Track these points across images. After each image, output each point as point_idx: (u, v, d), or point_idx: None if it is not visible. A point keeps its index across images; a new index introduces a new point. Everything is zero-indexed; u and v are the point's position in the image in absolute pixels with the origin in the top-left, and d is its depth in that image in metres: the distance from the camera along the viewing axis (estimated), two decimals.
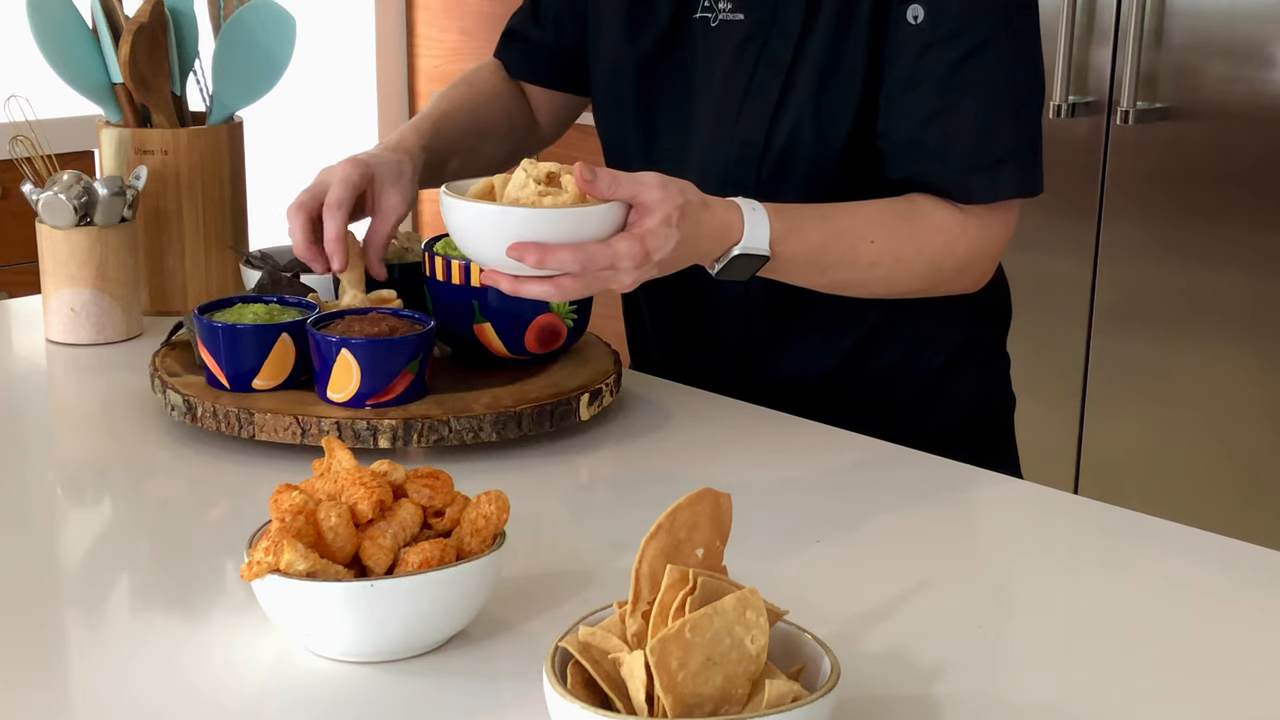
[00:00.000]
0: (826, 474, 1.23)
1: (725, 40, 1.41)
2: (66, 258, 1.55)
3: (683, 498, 0.82)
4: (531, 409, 1.28)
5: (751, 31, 1.39)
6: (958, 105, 1.32)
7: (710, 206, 1.22)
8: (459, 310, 1.35)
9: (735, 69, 1.40)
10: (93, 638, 1.01)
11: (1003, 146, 1.33)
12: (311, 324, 1.28)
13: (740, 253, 1.23)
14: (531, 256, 1.14)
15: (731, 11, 1.41)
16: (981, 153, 1.32)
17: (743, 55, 1.40)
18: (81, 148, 2.55)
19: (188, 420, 1.29)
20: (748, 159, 1.39)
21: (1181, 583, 1.08)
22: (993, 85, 1.32)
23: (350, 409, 1.26)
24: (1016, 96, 1.33)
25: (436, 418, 1.25)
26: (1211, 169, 2.39)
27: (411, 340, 1.26)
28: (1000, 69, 1.32)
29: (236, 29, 1.68)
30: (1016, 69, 1.33)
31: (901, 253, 1.32)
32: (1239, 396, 2.42)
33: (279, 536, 0.90)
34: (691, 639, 0.76)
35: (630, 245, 1.17)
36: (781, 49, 1.37)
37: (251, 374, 1.30)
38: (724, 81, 1.41)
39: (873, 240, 1.30)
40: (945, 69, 1.31)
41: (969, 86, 1.32)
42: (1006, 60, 1.32)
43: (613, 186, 1.18)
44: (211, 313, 1.33)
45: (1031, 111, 1.35)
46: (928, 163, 1.34)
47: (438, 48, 3.59)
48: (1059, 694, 0.92)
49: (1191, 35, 2.38)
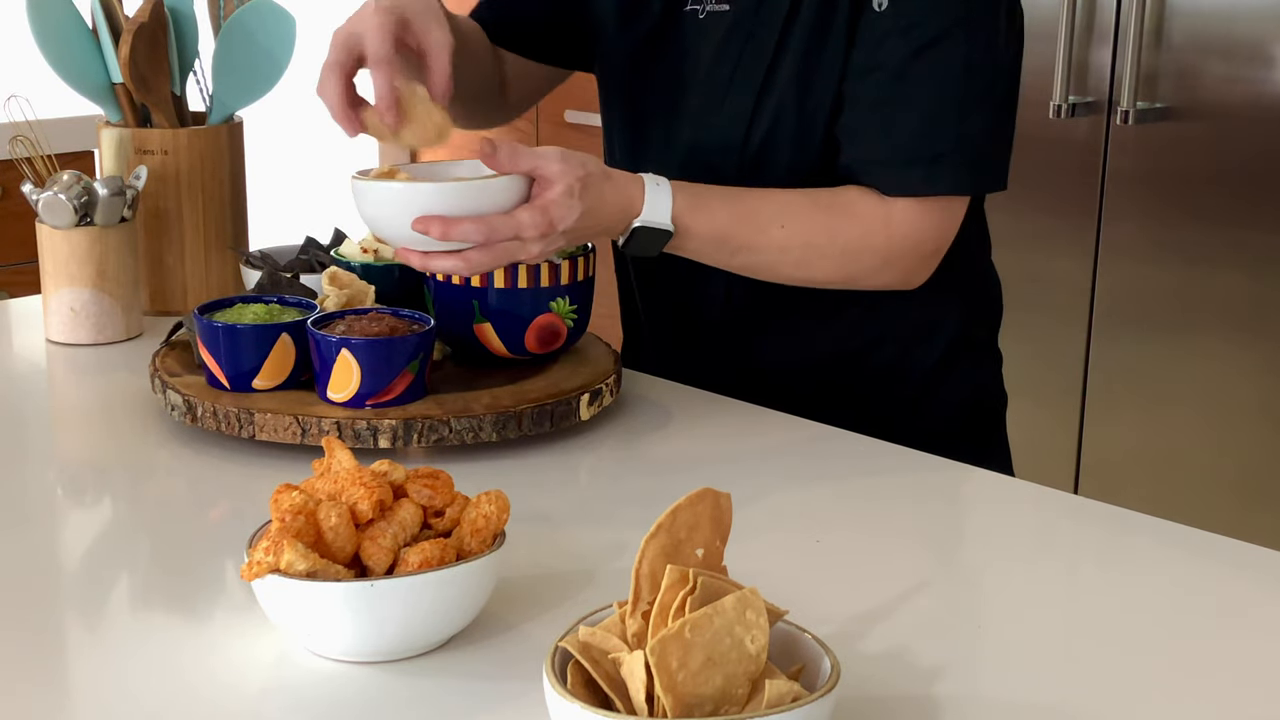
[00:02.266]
0: (826, 474, 1.23)
1: (713, 32, 1.42)
2: (66, 258, 1.55)
3: (683, 498, 0.82)
4: (532, 409, 1.28)
5: (737, 22, 1.40)
6: (907, 96, 1.32)
7: (613, 179, 1.25)
8: (459, 310, 1.36)
9: (720, 60, 1.41)
10: (93, 638, 1.01)
11: (944, 141, 1.32)
12: (312, 324, 1.28)
13: (640, 225, 1.26)
14: (435, 229, 1.17)
15: (718, 3, 1.41)
16: (922, 145, 1.32)
17: (728, 46, 1.40)
18: (81, 148, 2.55)
19: (188, 420, 1.29)
20: (730, 149, 1.40)
21: (1181, 582, 1.08)
22: (943, 80, 1.32)
23: (350, 409, 1.26)
24: (968, 94, 1.32)
25: (437, 418, 1.25)
26: (1211, 169, 2.39)
27: (412, 340, 1.26)
28: (953, 64, 1.31)
29: (236, 29, 1.68)
30: (972, 66, 1.32)
31: (814, 239, 1.33)
32: (1238, 396, 2.42)
33: (279, 536, 0.90)
34: (691, 639, 0.76)
35: (533, 215, 1.19)
36: (766, 39, 1.38)
37: (251, 374, 1.30)
38: (709, 73, 1.42)
39: (783, 225, 1.31)
40: (899, 59, 1.31)
41: (919, 78, 1.31)
42: (960, 56, 1.31)
43: (513, 159, 1.20)
44: (211, 313, 1.33)
45: (984, 111, 1.34)
46: (868, 149, 1.34)
47: None
48: (1059, 694, 0.92)
49: (1191, 35, 2.38)
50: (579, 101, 3.24)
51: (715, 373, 1.48)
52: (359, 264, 1.47)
